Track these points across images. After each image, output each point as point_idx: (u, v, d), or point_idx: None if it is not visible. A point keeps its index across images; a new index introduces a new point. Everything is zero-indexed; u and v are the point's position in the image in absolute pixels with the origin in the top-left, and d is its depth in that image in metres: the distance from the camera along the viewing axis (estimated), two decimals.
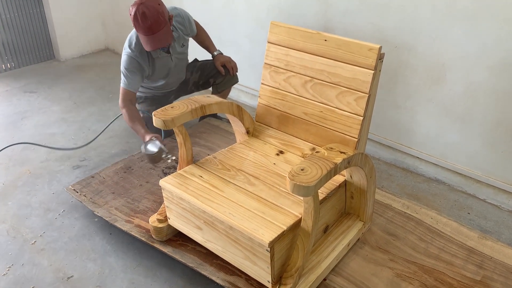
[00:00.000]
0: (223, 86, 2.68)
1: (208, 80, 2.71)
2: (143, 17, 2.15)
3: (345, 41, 1.69)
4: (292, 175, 1.33)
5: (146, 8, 2.15)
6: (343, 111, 1.73)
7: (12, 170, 2.42)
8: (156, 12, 2.16)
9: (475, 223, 2.14)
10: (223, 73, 2.64)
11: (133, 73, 2.36)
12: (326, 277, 1.69)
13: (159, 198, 2.08)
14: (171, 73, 2.52)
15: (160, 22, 2.18)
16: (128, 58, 2.35)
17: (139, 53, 2.34)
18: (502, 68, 2.03)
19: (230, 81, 2.70)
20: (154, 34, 2.19)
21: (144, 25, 2.17)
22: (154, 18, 2.16)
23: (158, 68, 2.44)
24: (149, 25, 2.16)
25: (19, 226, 2.03)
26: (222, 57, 2.65)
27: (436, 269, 1.76)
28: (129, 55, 2.35)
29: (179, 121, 1.70)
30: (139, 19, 2.16)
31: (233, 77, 2.68)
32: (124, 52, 2.38)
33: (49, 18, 3.76)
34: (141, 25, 2.17)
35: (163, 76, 2.51)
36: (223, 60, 2.63)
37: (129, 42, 2.37)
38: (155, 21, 2.17)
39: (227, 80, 2.68)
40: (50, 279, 1.76)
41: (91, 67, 3.82)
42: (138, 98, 2.58)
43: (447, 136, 2.32)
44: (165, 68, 2.47)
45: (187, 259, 1.76)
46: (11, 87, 3.39)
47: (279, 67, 1.90)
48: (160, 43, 2.23)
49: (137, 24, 2.19)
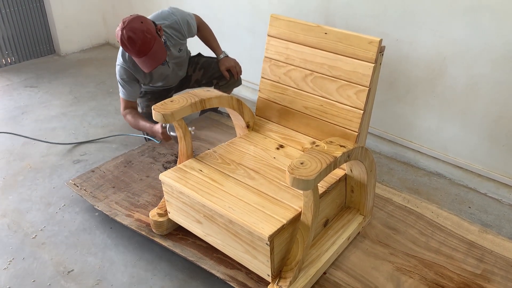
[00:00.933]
0: (226, 88, 2.66)
1: (211, 81, 2.67)
2: (130, 41, 2.08)
3: (346, 34, 1.67)
4: (291, 168, 1.33)
5: (130, 31, 2.07)
6: (344, 104, 1.73)
7: (13, 165, 2.42)
8: (141, 33, 2.08)
9: (475, 217, 2.13)
10: (228, 78, 2.60)
11: (129, 83, 2.33)
12: (326, 271, 1.69)
13: (159, 192, 2.08)
14: (169, 76, 2.50)
15: (149, 41, 2.11)
16: (122, 69, 2.31)
17: (132, 65, 2.30)
18: (504, 62, 2.02)
19: (234, 84, 2.68)
20: (147, 55, 2.13)
21: (133, 49, 2.10)
22: (142, 40, 2.08)
23: (156, 76, 2.42)
24: (139, 48, 2.10)
25: (20, 220, 2.03)
26: (227, 61, 2.59)
27: (436, 263, 1.76)
28: (123, 66, 2.31)
29: (178, 115, 1.69)
30: (127, 45, 2.10)
31: (236, 80, 2.66)
32: (118, 63, 2.33)
33: (49, 13, 3.75)
34: (131, 49, 2.11)
35: (161, 80, 2.49)
36: (228, 65, 2.57)
37: (122, 53, 2.31)
38: (143, 43, 2.09)
39: (231, 83, 2.66)
40: (50, 273, 1.77)
41: (92, 61, 3.81)
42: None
43: (448, 130, 2.31)
44: (163, 75, 2.45)
45: (187, 253, 1.76)
46: (11, 81, 3.39)
47: (279, 60, 1.89)
48: (156, 61, 2.16)
49: (126, 49, 2.13)
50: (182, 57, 2.53)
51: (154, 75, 2.40)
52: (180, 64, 2.54)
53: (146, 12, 3.66)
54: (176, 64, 2.50)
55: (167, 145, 2.41)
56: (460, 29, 2.09)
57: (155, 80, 2.45)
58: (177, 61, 2.50)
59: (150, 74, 2.38)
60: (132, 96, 2.37)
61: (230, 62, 2.59)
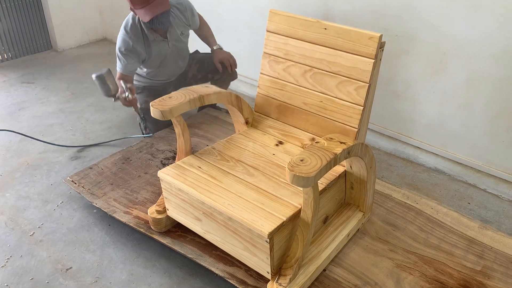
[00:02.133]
0: (221, 82, 2.65)
1: (206, 75, 2.67)
2: None
3: (345, 29, 1.66)
4: (291, 165, 1.31)
5: None
6: (343, 100, 1.71)
7: (10, 161, 2.40)
8: None
9: (475, 213, 2.13)
10: (221, 70, 2.58)
11: (128, 56, 2.33)
12: (326, 268, 1.69)
13: (158, 189, 2.07)
14: (167, 60, 2.49)
15: None
16: (123, 40, 2.33)
17: (134, 36, 2.32)
18: (504, 57, 2.01)
19: (229, 78, 2.67)
20: (150, 4, 2.17)
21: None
22: None
23: (154, 53, 2.41)
24: None
25: (18, 218, 2.02)
26: (221, 53, 2.58)
27: (436, 259, 1.75)
28: (124, 37, 2.33)
29: (177, 112, 1.68)
30: None
31: (231, 73, 2.64)
32: (120, 34, 2.35)
33: (46, 8, 3.72)
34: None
35: (159, 62, 2.47)
36: (221, 57, 2.55)
37: (125, 24, 2.34)
38: None
39: (226, 77, 2.64)
40: (48, 270, 1.76)
41: (89, 57, 3.79)
42: (136, 88, 2.55)
43: (448, 125, 2.30)
44: (161, 53, 2.44)
45: (186, 250, 1.75)
46: (8, 77, 3.37)
47: (278, 56, 1.87)
48: (158, 8, 2.19)
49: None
50: (182, 43, 2.52)
51: (152, 49, 2.39)
52: (180, 50, 2.53)
53: None
54: (176, 47, 2.48)
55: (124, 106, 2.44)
56: (461, 24, 2.07)
57: (153, 57, 2.42)
58: (178, 45, 2.49)
59: (148, 47, 2.38)
60: (127, 70, 2.36)
61: (223, 54, 2.57)
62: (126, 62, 2.34)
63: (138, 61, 2.39)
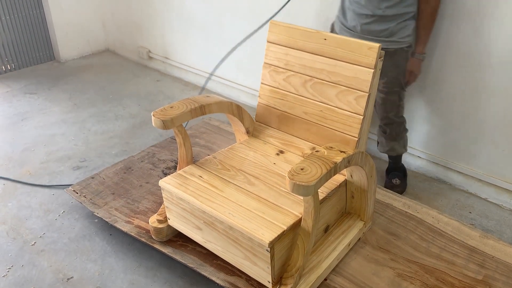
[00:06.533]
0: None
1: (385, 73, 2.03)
2: None
3: (345, 40, 1.68)
4: (291, 174, 1.32)
5: None
6: (343, 110, 1.73)
7: (12, 171, 2.41)
8: None
9: (476, 222, 2.13)
10: (406, 80, 2.13)
11: None
12: (327, 277, 1.68)
13: (159, 198, 2.08)
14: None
15: None
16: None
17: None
18: (503, 66, 2.02)
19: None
20: None
21: None
22: None
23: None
24: None
25: (19, 227, 2.02)
26: (417, 65, 2.10)
27: (437, 268, 1.75)
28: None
29: (178, 121, 1.69)
30: None
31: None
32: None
33: (49, 19, 3.76)
34: None
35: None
36: (415, 69, 2.10)
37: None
38: None
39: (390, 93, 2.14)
40: (50, 280, 1.76)
41: (91, 68, 3.82)
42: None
43: (448, 134, 2.31)
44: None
45: (187, 259, 1.75)
46: (11, 88, 3.39)
47: (278, 66, 1.89)
48: None
49: None
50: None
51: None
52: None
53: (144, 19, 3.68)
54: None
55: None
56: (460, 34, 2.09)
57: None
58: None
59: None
60: None
61: (418, 68, 2.11)
62: None
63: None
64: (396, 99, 2.16)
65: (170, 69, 3.69)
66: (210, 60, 3.34)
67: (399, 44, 2.01)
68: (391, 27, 1.97)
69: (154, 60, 3.79)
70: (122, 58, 4.04)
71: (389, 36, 1.99)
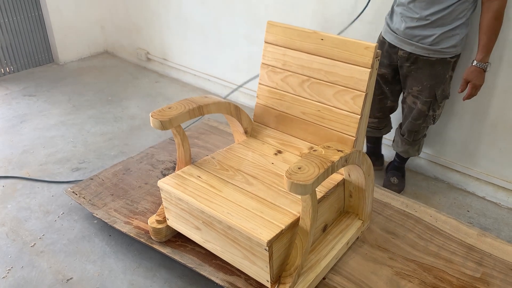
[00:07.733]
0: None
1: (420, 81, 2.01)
2: None
3: (342, 40, 1.69)
4: (289, 173, 1.33)
5: None
6: (341, 110, 1.74)
7: (12, 173, 2.42)
8: None
9: (474, 220, 2.14)
10: (461, 90, 1.97)
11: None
12: (325, 276, 1.69)
13: (158, 199, 2.08)
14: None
15: None
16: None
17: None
18: (501, 65, 2.03)
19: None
20: None
21: None
22: None
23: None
24: None
25: (19, 229, 2.03)
26: (476, 73, 1.90)
27: (435, 266, 1.76)
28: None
29: (176, 122, 1.70)
30: None
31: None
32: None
33: (47, 22, 3.77)
34: None
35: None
36: (473, 77, 1.91)
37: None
38: None
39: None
40: (49, 281, 1.76)
41: (90, 70, 3.83)
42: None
43: (446, 133, 2.32)
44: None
45: (186, 259, 1.76)
46: (10, 90, 3.40)
47: (276, 66, 1.90)
48: None
49: None
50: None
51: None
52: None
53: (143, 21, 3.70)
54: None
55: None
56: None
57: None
58: None
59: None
60: None
61: (477, 77, 1.91)
62: None
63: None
64: (426, 109, 2.05)
65: (169, 70, 3.70)
66: (207, 61, 3.35)
67: (441, 54, 1.92)
68: (435, 35, 1.88)
69: (153, 61, 3.80)
70: (120, 60, 4.05)
71: (432, 44, 1.91)
